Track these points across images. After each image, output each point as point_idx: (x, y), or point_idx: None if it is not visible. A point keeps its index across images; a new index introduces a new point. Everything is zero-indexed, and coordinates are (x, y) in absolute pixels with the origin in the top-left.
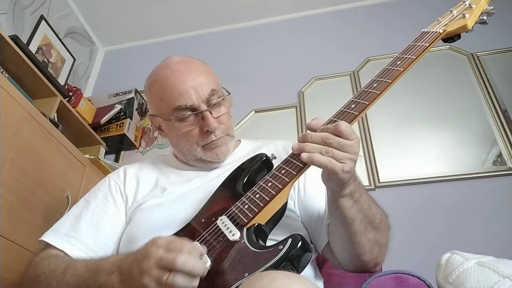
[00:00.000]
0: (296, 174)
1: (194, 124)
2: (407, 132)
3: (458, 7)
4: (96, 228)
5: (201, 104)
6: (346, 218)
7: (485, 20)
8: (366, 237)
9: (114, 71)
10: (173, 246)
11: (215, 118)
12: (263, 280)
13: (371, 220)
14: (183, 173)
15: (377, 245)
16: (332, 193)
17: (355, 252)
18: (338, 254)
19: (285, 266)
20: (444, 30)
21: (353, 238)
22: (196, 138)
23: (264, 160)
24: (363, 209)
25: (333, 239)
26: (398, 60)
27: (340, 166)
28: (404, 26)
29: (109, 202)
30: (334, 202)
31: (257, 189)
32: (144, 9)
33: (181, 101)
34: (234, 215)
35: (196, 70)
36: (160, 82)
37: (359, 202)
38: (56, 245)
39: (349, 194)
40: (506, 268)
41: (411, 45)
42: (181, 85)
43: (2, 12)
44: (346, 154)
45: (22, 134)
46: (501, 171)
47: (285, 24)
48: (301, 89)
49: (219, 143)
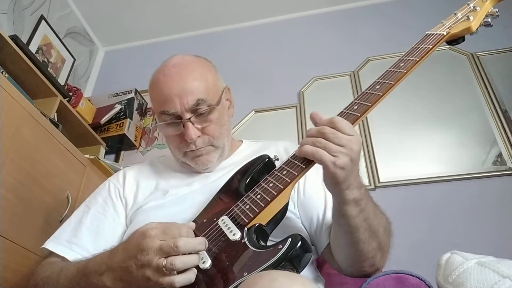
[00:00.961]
0: (298, 174)
1: (177, 131)
2: (407, 132)
3: (463, 10)
4: (97, 233)
5: (185, 113)
6: (351, 226)
7: (490, 23)
8: (369, 245)
9: (114, 71)
10: (169, 232)
11: (199, 128)
12: (263, 280)
13: (376, 228)
14: (182, 176)
15: (380, 252)
16: (335, 198)
17: (357, 259)
18: (339, 259)
19: (285, 266)
20: (448, 32)
21: (356, 246)
22: (178, 144)
23: (266, 161)
24: (369, 218)
25: (335, 245)
26: (401, 62)
27: (330, 158)
28: (404, 26)
29: (109, 206)
30: (339, 210)
31: (258, 189)
32: (144, 9)
33: (165, 107)
34: (235, 215)
35: (187, 76)
36: (153, 83)
37: (365, 211)
38: (58, 252)
39: (354, 201)
40: (506, 268)
41: (414, 47)
42: (167, 91)
43: (2, 12)
44: (340, 147)
45: (22, 134)
46: (501, 171)
47: (285, 24)
48: (301, 89)
49: (199, 152)
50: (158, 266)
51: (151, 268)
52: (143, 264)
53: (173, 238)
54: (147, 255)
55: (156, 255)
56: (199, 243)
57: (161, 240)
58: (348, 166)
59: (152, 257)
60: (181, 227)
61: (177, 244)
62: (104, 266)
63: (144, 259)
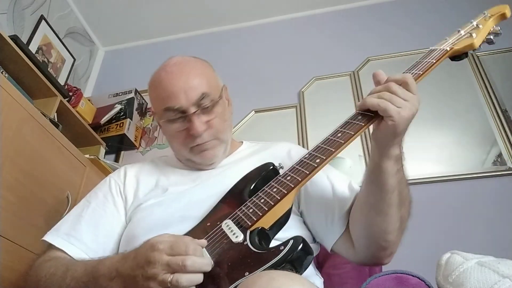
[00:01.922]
0: (301, 180)
1: (182, 126)
2: (407, 132)
3: (466, 27)
4: (96, 227)
5: (190, 107)
6: (387, 186)
7: (492, 40)
8: (398, 212)
9: (114, 71)
10: (177, 249)
11: (204, 121)
12: (262, 279)
13: (405, 196)
14: (183, 172)
15: (402, 227)
16: (380, 150)
17: (383, 228)
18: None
19: (286, 267)
20: (451, 48)
21: (387, 210)
22: (184, 140)
23: (271, 169)
24: (402, 182)
25: (361, 216)
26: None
27: (395, 108)
28: (404, 27)
29: (109, 201)
30: (379, 165)
31: (262, 194)
32: (144, 9)
33: (170, 103)
34: (239, 218)
35: (190, 72)
36: (155, 82)
37: (401, 172)
38: (56, 244)
39: (396, 158)
40: (506, 268)
41: (418, 62)
42: (172, 87)
43: (2, 12)
44: (405, 102)
45: (22, 134)
46: (501, 171)
47: (285, 24)
48: (301, 89)
49: (205, 146)
50: (163, 281)
51: (156, 281)
52: (149, 277)
53: (180, 255)
54: (153, 268)
55: (162, 270)
56: (206, 264)
57: (169, 255)
58: (409, 118)
59: (158, 271)
60: (189, 244)
61: (185, 263)
62: (114, 271)
63: (151, 272)
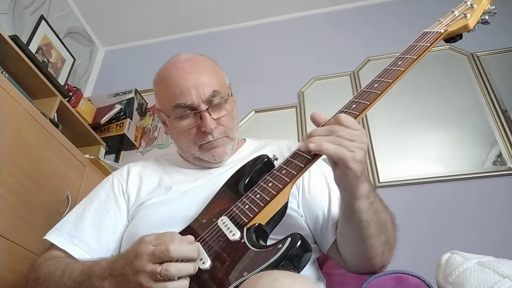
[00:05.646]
0: (297, 173)
1: (192, 123)
2: (407, 132)
3: (460, 7)
4: (98, 227)
5: (201, 104)
6: (362, 221)
7: (487, 20)
8: (379, 240)
9: (114, 71)
10: (162, 238)
11: (215, 119)
12: (264, 280)
13: (384, 222)
14: (186, 171)
15: (388, 247)
16: (348, 193)
17: (366, 256)
18: (346, 256)
19: (285, 265)
20: (445, 30)
21: (366, 241)
22: (194, 137)
23: (265, 161)
24: (378, 211)
25: (343, 242)
26: (399, 60)
27: (349, 154)
28: (404, 26)
29: (111, 201)
30: (351, 206)
31: (257, 189)
32: (144, 9)
33: (181, 99)
34: (235, 215)
35: (200, 69)
36: (164, 78)
37: (374, 204)
38: (59, 245)
39: (365, 195)
40: (506, 268)
41: (412, 45)
42: (183, 83)
43: (2, 12)
44: (354, 143)
45: (22, 134)
46: (501, 171)
47: (285, 24)
48: (301, 89)
49: (215, 144)
50: (152, 271)
51: (144, 274)
52: (138, 270)
53: (167, 242)
54: (140, 260)
55: (148, 260)
56: (191, 250)
57: (155, 245)
58: (364, 159)
59: (144, 262)
60: (174, 234)
61: (168, 248)
62: (107, 271)
63: (138, 264)
